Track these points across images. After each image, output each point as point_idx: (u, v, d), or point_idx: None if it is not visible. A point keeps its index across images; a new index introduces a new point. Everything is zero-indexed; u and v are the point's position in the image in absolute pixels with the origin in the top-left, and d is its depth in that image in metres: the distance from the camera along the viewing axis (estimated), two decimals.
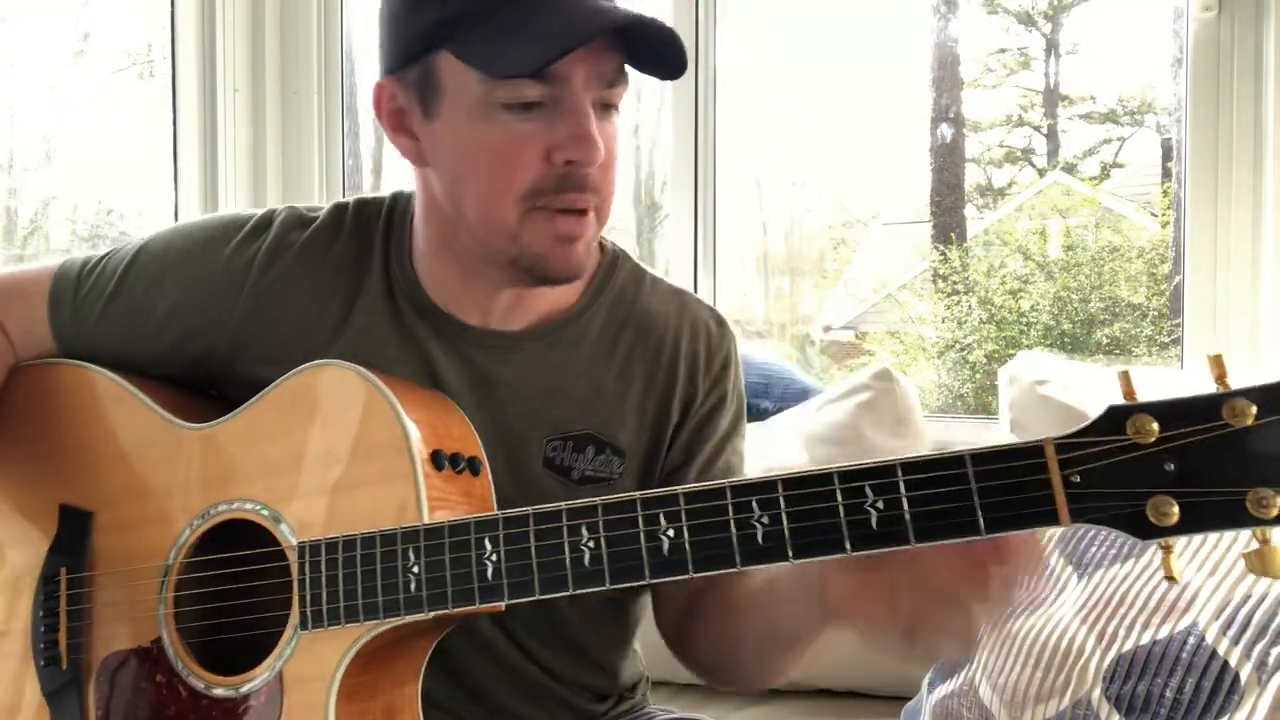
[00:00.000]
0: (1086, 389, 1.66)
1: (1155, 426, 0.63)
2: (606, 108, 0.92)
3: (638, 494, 0.75)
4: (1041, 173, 4.24)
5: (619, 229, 3.24)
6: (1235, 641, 1.16)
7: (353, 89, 2.59)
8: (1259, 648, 1.15)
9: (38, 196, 2.53)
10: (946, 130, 4.06)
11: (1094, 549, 1.33)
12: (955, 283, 3.84)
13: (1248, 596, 1.19)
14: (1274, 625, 1.15)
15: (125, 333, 1.04)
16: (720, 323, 1.11)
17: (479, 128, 0.91)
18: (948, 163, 4.08)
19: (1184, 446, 0.63)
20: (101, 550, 0.97)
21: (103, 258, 1.07)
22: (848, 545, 0.69)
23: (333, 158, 2.48)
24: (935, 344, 3.85)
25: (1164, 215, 3.51)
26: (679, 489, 0.73)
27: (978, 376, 3.73)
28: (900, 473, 0.68)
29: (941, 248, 3.97)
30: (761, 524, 0.70)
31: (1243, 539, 0.77)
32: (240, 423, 0.95)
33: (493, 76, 0.88)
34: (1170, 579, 0.65)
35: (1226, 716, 1.14)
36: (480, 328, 1.02)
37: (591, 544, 0.75)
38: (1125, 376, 0.66)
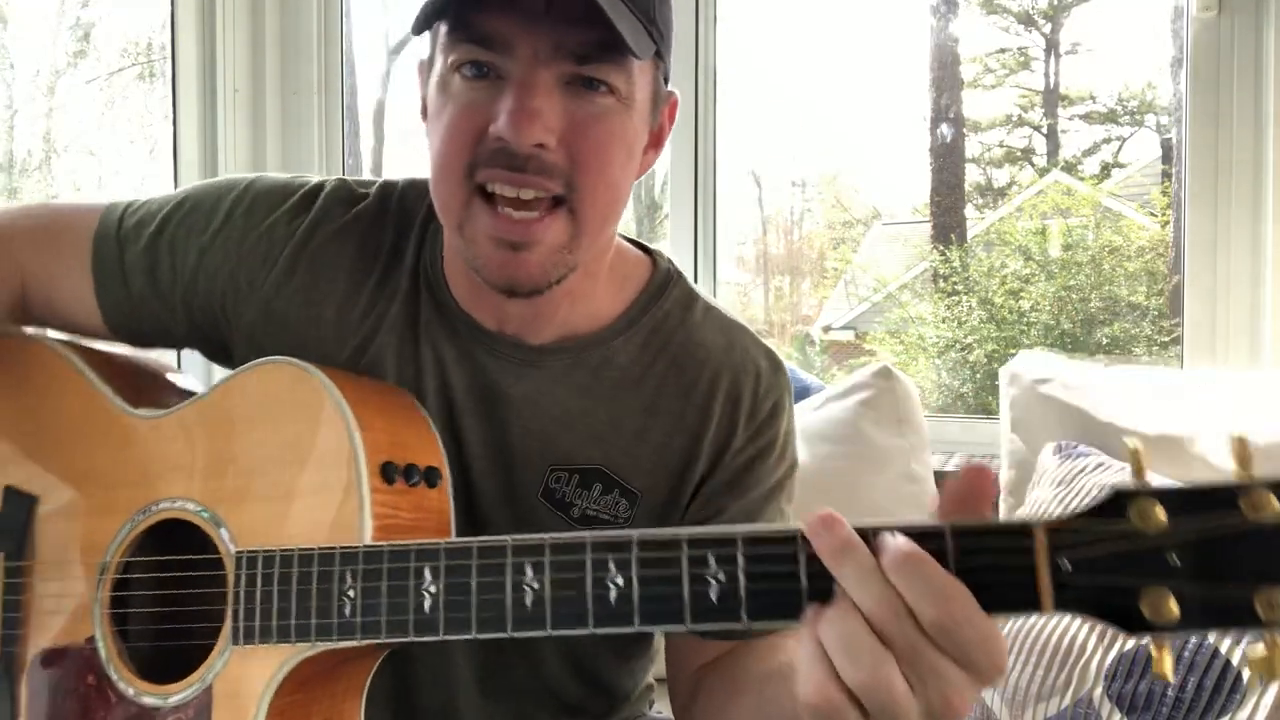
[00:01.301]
0: (1086, 388, 1.66)
1: (1162, 514, 0.57)
2: (589, 86, 0.82)
3: (588, 535, 0.69)
4: (1041, 173, 4.24)
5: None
6: (1237, 641, 1.16)
7: (353, 89, 2.60)
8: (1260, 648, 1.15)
9: (38, 196, 2.52)
10: (946, 130, 4.06)
11: None
12: (955, 282, 3.84)
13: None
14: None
15: (158, 279, 0.98)
16: (774, 364, 0.99)
17: (439, 97, 0.84)
18: (948, 163, 4.08)
19: (1192, 539, 0.57)
20: (43, 538, 0.93)
21: (145, 202, 1.02)
22: (806, 610, 0.63)
23: (333, 158, 2.48)
24: (935, 344, 3.85)
25: (1164, 215, 3.51)
26: (633, 533, 0.67)
27: (978, 376, 3.73)
28: (871, 536, 0.61)
29: (941, 248, 3.97)
30: (717, 580, 0.64)
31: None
32: (188, 416, 0.89)
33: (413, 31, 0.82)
34: (1162, 677, 0.59)
35: (1228, 715, 1.14)
36: (497, 333, 0.94)
37: (535, 585, 0.69)
38: (1137, 455, 0.60)
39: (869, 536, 0.61)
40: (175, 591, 0.88)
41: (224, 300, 0.98)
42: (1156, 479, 0.62)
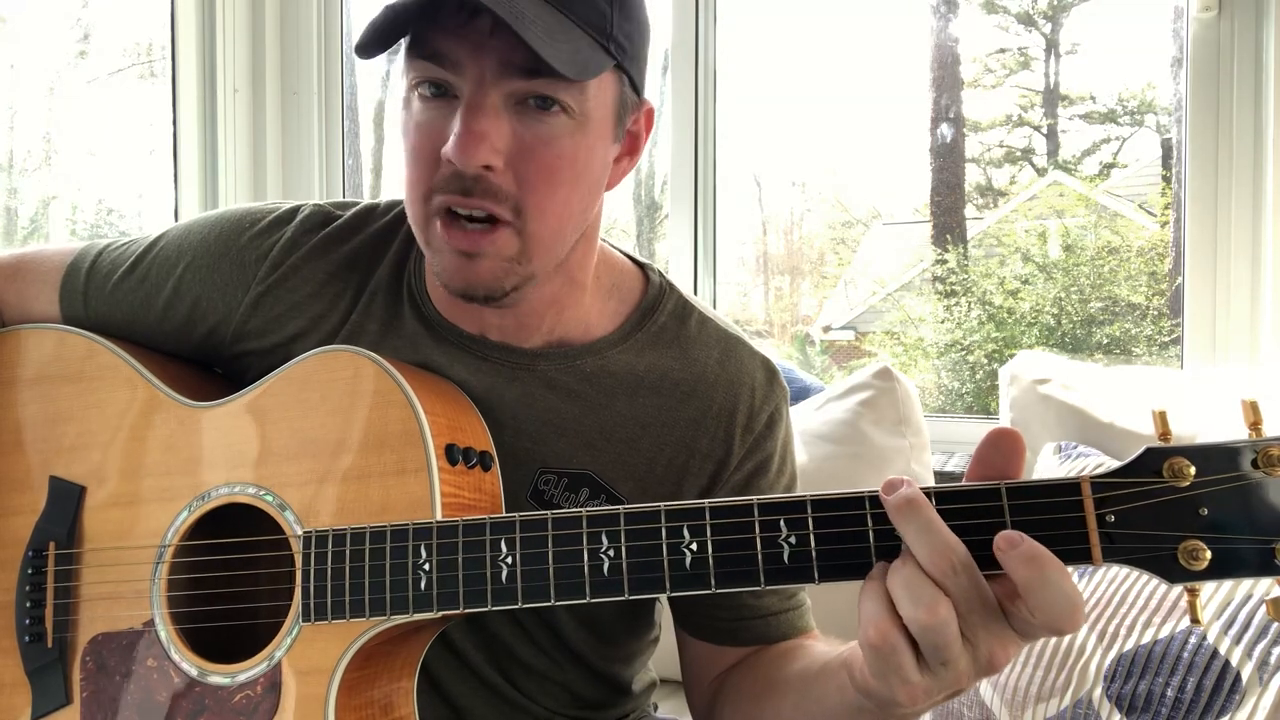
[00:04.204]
0: (1086, 389, 1.66)
1: (1192, 470, 0.63)
2: (542, 105, 0.83)
3: (662, 505, 0.73)
4: (1041, 173, 4.24)
5: (619, 229, 3.24)
6: (1236, 641, 1.16)
7: (353, 89, 2.59)
8: (1260, 647, 1.15)
9: (38, 196, 2.52)
10: (946, 130, 4.06)
11: None
12: (955, 283, 3.83)
13: (1249, 596, 1.19)
14: (1275, 625, 1.15)
15: (134, 310, 1.03)
16: (771, 375, 1.01)
17: (403, 115, 0.87)
18: (948, 163, 4.08)
19: (1219, 492, 0.63)
20: (92, 526, 0.94)
21: (126, 241, 1.07)
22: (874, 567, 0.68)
23: (333, 158, 2.48)
24: (935, 344, 3.85)
25: (1164, 215, 3.51)
26: (705, 502, 0.72)
27: (978, 376, 3.73)
28: (934, 500, 0.67)
29: (941, 248, 3.97)
30: (788, 544, 0.69)
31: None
32: (246, 404, 0.92)
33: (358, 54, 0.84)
34: (1195, 622, 0.65)
35: (1228, 716, 1.14)
36: (483, 338, 0.97)
37: (611, 553, 0.73)
38: (1161, 417, 0.65)
39: (929, 497, 0.66)
40: (236, 574, 0.90)
41: (204, 324, 1.01)
42: None
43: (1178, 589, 1.24)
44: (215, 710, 0.85)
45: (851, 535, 0.68)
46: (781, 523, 0.70)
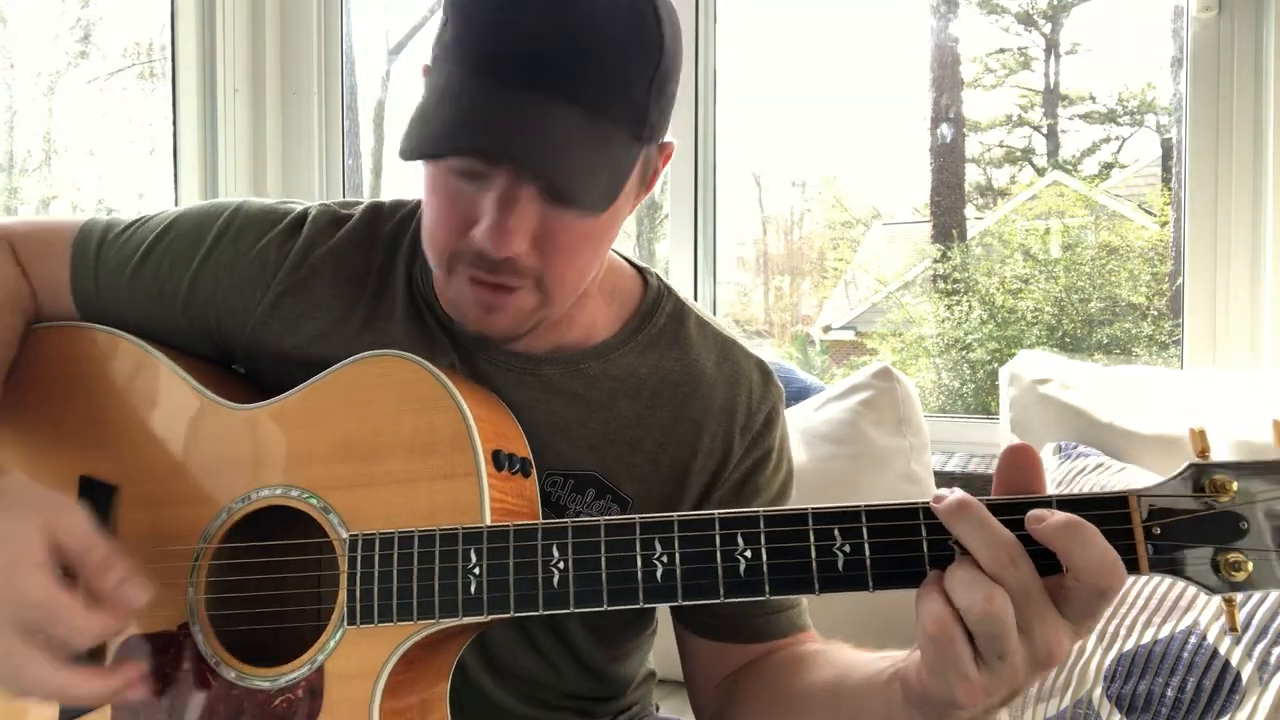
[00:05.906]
0: (1086, 388, 1.66)
1: (1234, 486, 0.67)
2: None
3: (716, 513, 0.74)
4: (1041, 172, 4.24)
5: None
6: (1236, 641, 1.16)
7: (353, 89, 2.59)
8: (1260, 647, 1.15)
9: (38, 196, 2.53)
10: (946, 130, 4.06)
11: None
12: (955, 282, 3.83)
13: (1249, 596, 1.19)
14: (1275, 625, 1.15)
15: (148, 305, 1.01)
16: (766, 375, 1.03)
17: (427, 170, 0.88)
18: (948, 163, 4.07)
19: (1259, 506, 0.66)
20: (125, 527, 0.93)
21: (128, 226, 1.04)
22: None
23: (333, 158, 2.48)
24: (935, 344, 3.85)
25: (1164, 215, 3.51)
26: (759, 510, 0.74)
27: (978, 376, 3.73)
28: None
29: (941, 248, 3.97)
30: (843, 552, 0.71)
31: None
32: (289, 407, 0.91)
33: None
34: (1233, 630, 0.67)
35: (1228, 716, 1.14)
36: (495, 345, 0.97)
37: (665, 559, 0.75)
38: (1200, 435, 0.69)
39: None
40: (277, 576, 0.89)
41: (219, 323, 1.00)
42: (1155, 478, 0.70)
43: (1179, 588, 1.24)
44: (253, 714, 0.84)
45: (906, 545, 0.70)
46: (836, 531, 0.71)
